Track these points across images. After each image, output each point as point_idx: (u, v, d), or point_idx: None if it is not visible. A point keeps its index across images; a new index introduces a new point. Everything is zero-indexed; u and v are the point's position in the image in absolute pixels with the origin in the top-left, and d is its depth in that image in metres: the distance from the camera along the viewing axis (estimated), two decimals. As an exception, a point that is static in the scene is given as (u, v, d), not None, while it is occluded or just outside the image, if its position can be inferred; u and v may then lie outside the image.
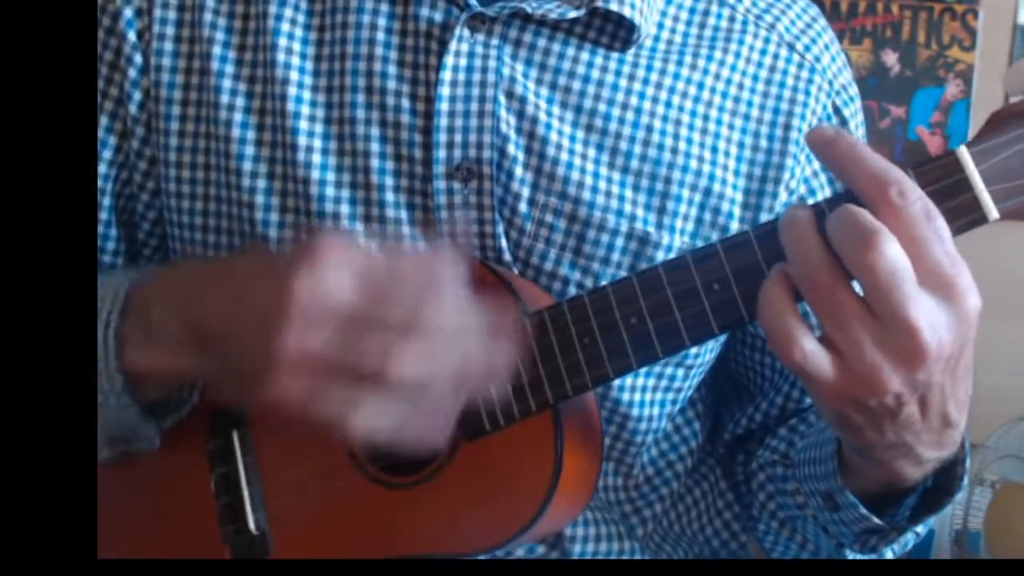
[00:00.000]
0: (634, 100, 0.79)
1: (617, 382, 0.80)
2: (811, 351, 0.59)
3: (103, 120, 0.81)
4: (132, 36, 0.80)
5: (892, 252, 0.58)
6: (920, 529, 0.77)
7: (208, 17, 0.79)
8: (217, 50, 0.79)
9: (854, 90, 0.87)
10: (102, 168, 0.81)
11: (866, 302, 0.59)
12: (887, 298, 0.58)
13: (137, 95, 0.80)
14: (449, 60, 0.76)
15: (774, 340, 0.60)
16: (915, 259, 0.58)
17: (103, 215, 0.82)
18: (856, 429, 0.64)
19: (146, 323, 0.66)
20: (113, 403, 0.69)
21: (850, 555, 0.79)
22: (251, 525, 0.75)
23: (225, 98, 0.79)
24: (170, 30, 0.80)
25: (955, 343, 0.60)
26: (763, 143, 0.81)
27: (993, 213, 0.62)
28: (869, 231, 0.58)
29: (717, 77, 0.81)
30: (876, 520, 0.72)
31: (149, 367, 0.67)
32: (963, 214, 0.62)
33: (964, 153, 0.62)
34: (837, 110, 0.85)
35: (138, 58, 0.80)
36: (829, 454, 0.73)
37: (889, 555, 0.80)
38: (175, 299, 0.65)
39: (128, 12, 0.80)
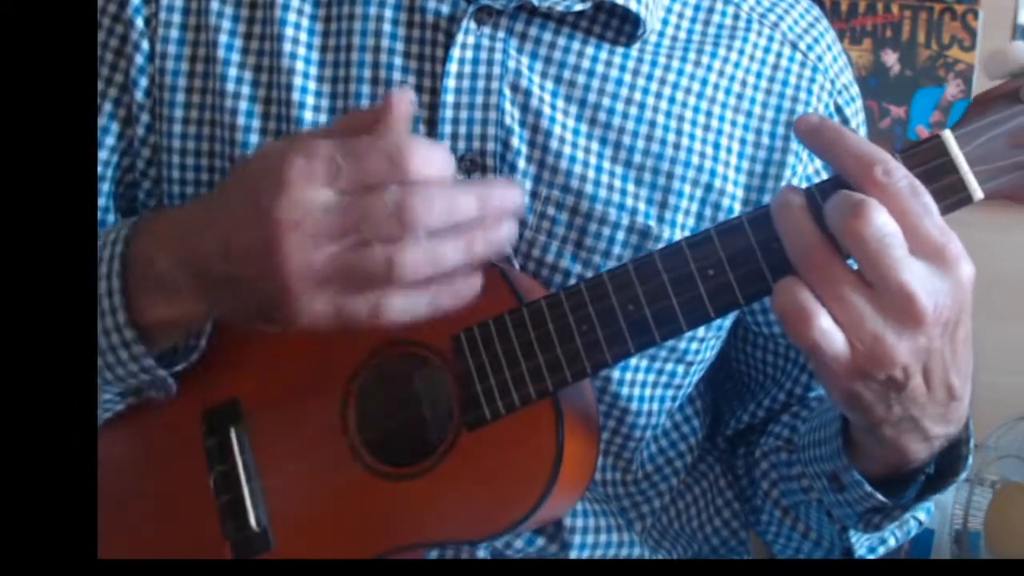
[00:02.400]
0: (638, 95, 0.80)
1: (616, 376, 0.80)
2: (827, 328, 0.60)
3: (106, 106, 0.81)
4: (140, 23, 0.80)
5: (879, 219, 0.59)
6: (922, 516, 0.77)
7: (215, 5, 0.80)
8: (224, 39, 0.79)
9: (855, 90, 0.88)
10: (103, 154, 0.82)
11: (861, 274, 0.60)
12: (878, 264, 0.59)
13: (144, 82, 0.80)
14: (456, 52, 0.77)
15: (790, 322, 0.61)
16: (905, 231, 0.60)
17: (101, 200, 0.83)
18: (866, 406, 0.65)
19: (153, 277, 0.67)
20: (125, 356, 0.70)
21: (854, 537, 0.80)
22: (252, 522, 0.75)
23: (231, 86, 0.79)
24: (176, 18, 0.80)
25: (952, 308, 0.61)
26: (765, 140, 0.82)
27: (978, 193, 0.63)
28: (856, 201, 0.59)
29: (721, 74, 0.82)
30: (880, 497, 0.72)
31: (163, 319, 0.68)
32: (949, 195, 0.63)
33: (948, 136, 0.63)
34: (839, 109, 0.86)
35: (145, 45, 0.80)
36: (834, 433, 0.74)
37: (892, 541, 0.81)
38: (175, 248, 0.66)
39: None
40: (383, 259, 0.59)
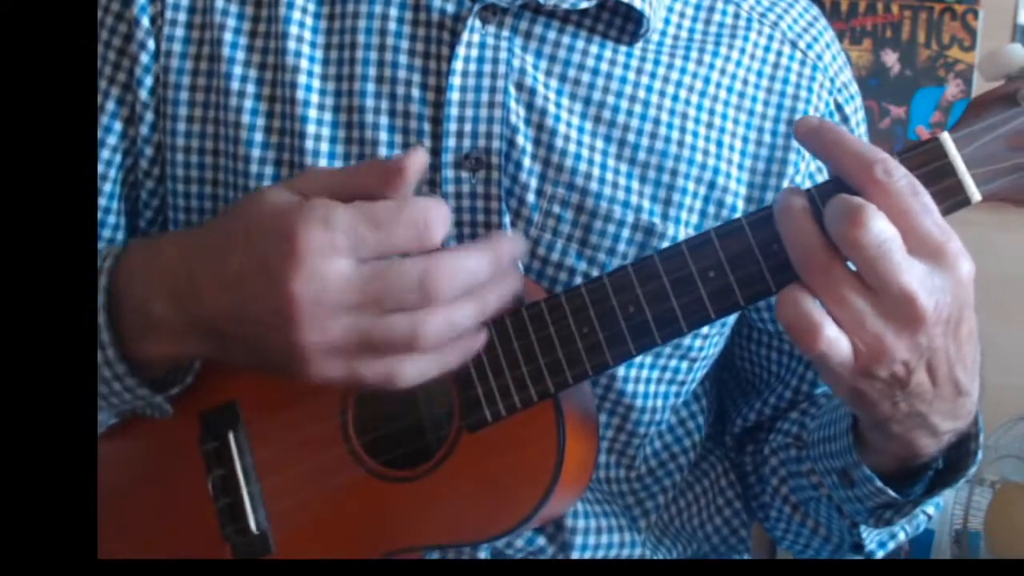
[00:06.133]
0: (642, 93, 0.80)
1: (621, 373, 0.80)
2: (834, 337, 0.61)
3: (109, 105, 0.81)
4: (145, 22, 0.80)
5: (877, 225, 0.59)
6: (931, 509, 0.78)
7: (220, 4, 0.80)
8: (228, 36, 0.79)
9: (854, 88, 0.88)
10: (106, 154, 0.82)
11: (861, 276, 0.60)
12: (878, 269, 0.59)
13: (148, 80, 0.80)
14: (461, 51, 0.77)
15: (796, 334, 0.61)
16: (905, 231, 0.60)
17: (103, 200, 0.82)
18: (871, 403, 0.65)
19: (152, 322, 0.67)
20: (118, 387, 0.70)
21: (864, 532, 0.80)
22: (251, 525, 0.75)
23: (235, 84, 0.79)
24: (182, 16, 0.80)
25: (952, 306, 0.61)
26: (767, 138, 0.82)
27: (976, 196, 0.64)
28: (855, 207, 0.60)
29: (722, 72, 0.82)
30: (891, 493, 0.73)
31: (157, 356, 0.69)
32: (947, 197, 0.63)
33: (947, 139, 0.63)
34: (839, 107, 0.86)
35: (151, 44, 0.80)
36: (844, 430, 0.74)
37: (902, 535, 0.81)
38: (179, 301, 0.66)
39: None
40: (406, 330, 0.60)
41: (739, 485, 0.90)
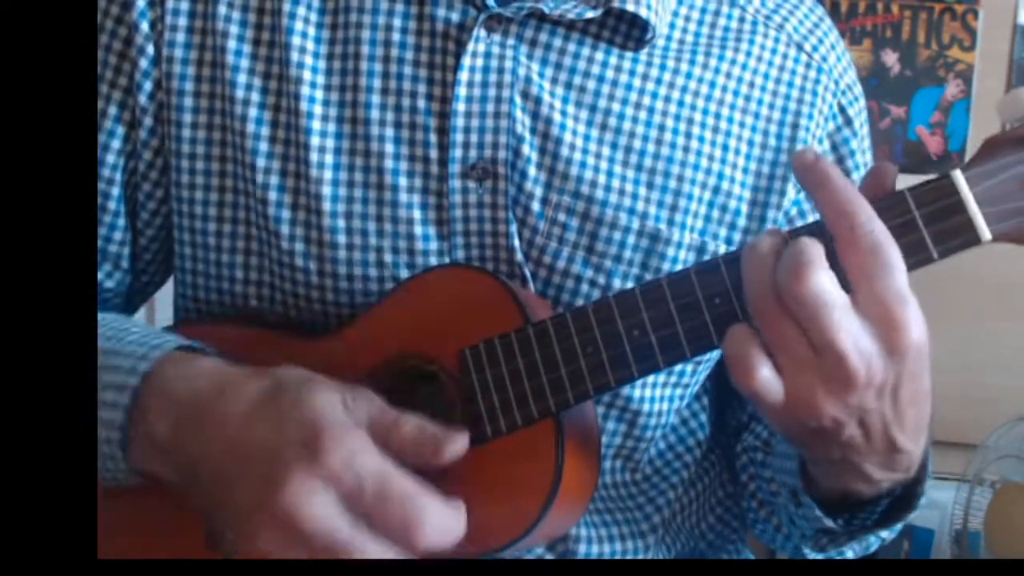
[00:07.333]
0: (647, 99, 0.80)
1: None
2: (767, 379, 0.61)
3: (112, 110, 0.81)
4: (145, 27, 0.80)
5: (816, 283, 0.59)
6: (885, 534, 0.78)
7: (223, 10, 0.79)
8: (232, 43, 0.79)
9: (859, 89, 0.88)
10: (111, 159, 0.81)
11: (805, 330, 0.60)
12: (813, 326, 0.59)
13: (148, 86, 0.80)
14: (467, 61, 0.77)
15: (734, 369, 0.61)
16: (858, 289, 0.60)
17: (112, 205, 0.82)
18: (801, 443, 0.66)
19: (151, 436, 0.67)
20: (121, 477, 0.71)
21: (805, 550, 0.81)
22: None
23: (240, 92, 0.79)
24: (183, 21, 0.80)
25: (886, 372, 0.61)
26: (772, 142, 0.82)
27: (986, 235, 0.63)
28: (799, 264, 0.60)
29: (728, 76, 0.82)
30: (828, 523, 0.74)
31: (147, 472, 0.69)
32: (957, 235, 0.63)
33: (959, 176, 0.63)
34: (842, 109, 0.86)
35: (150, 49, 0.80)
36: (795, 452, 0.74)
37: (850, 553, 0.81)
38: (179, 422, 0.67)
39: (141, 2, 0.80)
40: None
41: (733, 483, 0.91)
